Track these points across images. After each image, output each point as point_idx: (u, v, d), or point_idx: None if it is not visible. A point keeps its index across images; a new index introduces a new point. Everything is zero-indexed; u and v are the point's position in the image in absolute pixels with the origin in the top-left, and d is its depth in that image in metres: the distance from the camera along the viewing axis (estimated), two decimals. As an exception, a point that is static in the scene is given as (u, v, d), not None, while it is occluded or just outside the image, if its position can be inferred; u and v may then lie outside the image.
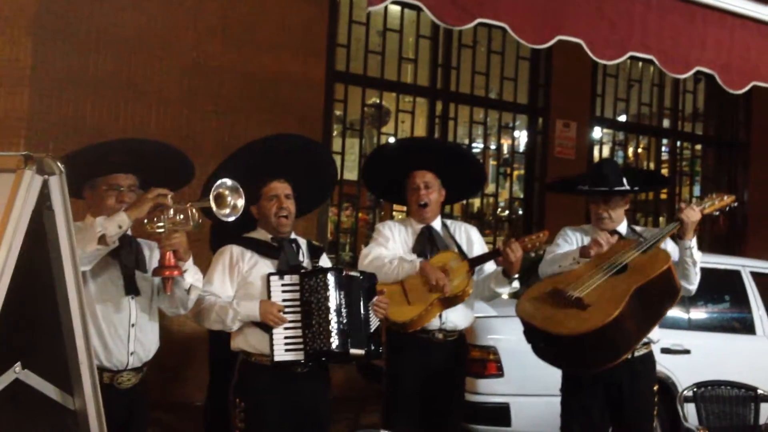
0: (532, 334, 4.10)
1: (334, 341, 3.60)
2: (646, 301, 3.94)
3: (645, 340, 4.24)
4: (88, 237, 3.09)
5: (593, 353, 3.96)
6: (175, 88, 6.89)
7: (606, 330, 3.81)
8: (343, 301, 3.66)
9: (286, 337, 3.63)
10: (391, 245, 4.39)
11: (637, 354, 4.22)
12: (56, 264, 2.46)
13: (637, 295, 3.89)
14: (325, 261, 4.02)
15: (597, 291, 3.95)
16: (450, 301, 4.25)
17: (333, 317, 3.61)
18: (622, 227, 4.42)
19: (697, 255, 4.24)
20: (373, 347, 3.75)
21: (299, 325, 3.64)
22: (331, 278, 3.66)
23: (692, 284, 4.31)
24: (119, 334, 3.36)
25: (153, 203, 3.21)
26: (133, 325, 3.39)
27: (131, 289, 3.39)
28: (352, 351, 3.66)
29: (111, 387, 3.31)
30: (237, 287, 3.77)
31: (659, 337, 4.41)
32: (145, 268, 3.49)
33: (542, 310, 4.06)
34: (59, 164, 2.45)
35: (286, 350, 3.62)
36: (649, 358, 4.33)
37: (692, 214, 4.14)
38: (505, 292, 4.36)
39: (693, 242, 4.18)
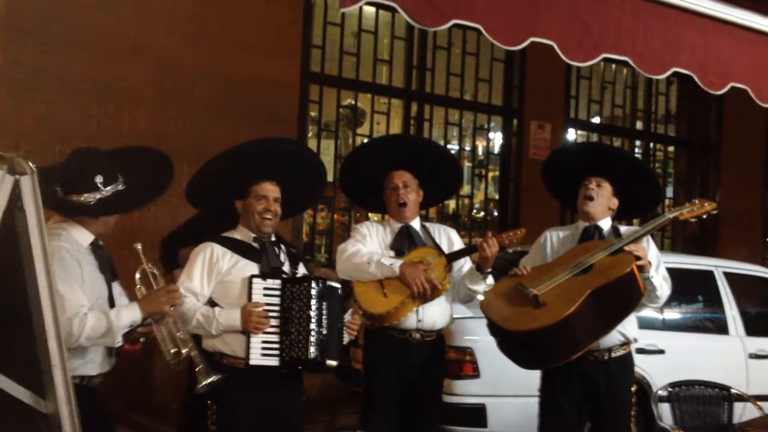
0: (491, 327, 4.17)
1: (312, 351, 3.59)
2: (604, 302, 3.96)
3: (623, 339, 4.27)
4: (102, 330, 3.18)
5: (544, 350, 4.02)
6: (147, 88, 6.82)
7: (556, 329, 3.86)
8: (324, 312, 3.66)
9: (263, 342, 3.60)
10: (369, 243, 4.37)
11: (614, 354, 4.23)
12: (28, 265, 2.42)
13: (593, 297, 3.91)
14: (302, 269, 4.00)
15: (556, 290, 4.00)
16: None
17: (313, 327, 3.60)
18: (605, 223, 4.40)
19: (657, 281, 4.20)
20: (345, 360, 3.79)
21: (277, 330, 3.62)
22: (314, 287, 3.65)
23: (654, 303, 4.32)
24: (105, 348, 3.37)
25: (168, 312, 3.34)
26: None
27: (111, 303, 3.39)
28: (328, 362, 3.67)
29: (86, 388, 3.31)
30: (214, 286, 3.74)
31: (638, 336, 4.40)
32: (117, 274, 3.49)
33: (502, 305, 4.13)
34: (31, 164, 2.41)
35: (263, 355, 3.60)
36: (627, 358, 4.33)
37: (636, 248, 4.09)
38: (480, 289, 4.34)
39: (651, 272, 4.15)
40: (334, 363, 3.69)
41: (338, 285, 3.83)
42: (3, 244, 2.32)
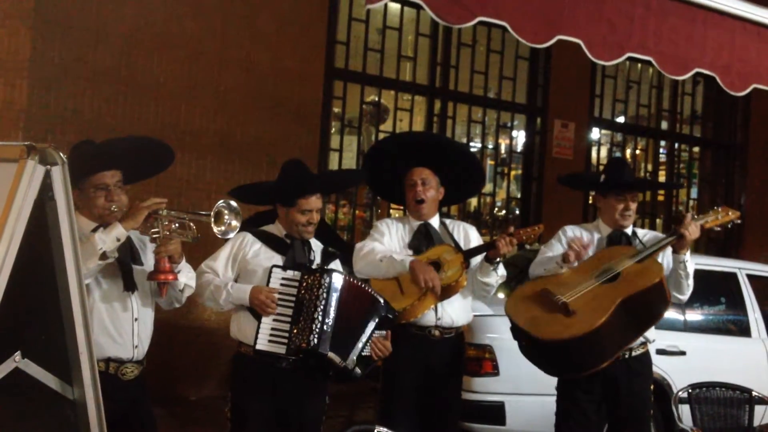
0: (516, 332, 4.17)
1: (314, 339, 3.59)
2: (633, 311, 3.97)
3: (642, 339, 4.27)
4: (88, 252, 3.14)
5: (573, 359, 4.02)
6: (173, 82, 6.87)
7: (587, 338, 3.87)
8: (334, 305, 3.66)
9: (272, 329, 3.64)
10: (386, 240, 4.39)
11: (634, 354, 4.25)
12: (57, 254, 2.46)
13: (623, 306, 3.93)
14: (336, 266, 4.00)
15: (584, 298, 3.99)
16: (444, 292, 4.24)
17: (318, 316, 3.61)
18: (628, 228, 4.45)
19: (691, 267, 4.24)
20: (356, 365, 3.73)
21: (288, 319, 3.65)
22: (326, 279, 3.66)
23: (684, 294, 4.33)
24: (125, 329, 3.40)
25: (147, 212, 3.27)
26: (136, 320, 3.44)
27: (129, 285, 3.41)
28: (330, 354, 3.64)
29: (115, 377, 3.36)
30: (238, 272, 3.82)
31: (655, 337, 4.43)
32: (141, 261, 3.51)
33: (528, 310, 4.12)
34: (61, 155, 2.44)
35: (270, 341, 3.63)
36: (646, 357, 4.35)
37: (694, 231, 4.15)
38: (492, 281, 4.33)
39: (687, 255, 4.19)
40: (336, 358, 3.66)
41: (366, 287, 3.86)
42: (34, 234, 2.36)
